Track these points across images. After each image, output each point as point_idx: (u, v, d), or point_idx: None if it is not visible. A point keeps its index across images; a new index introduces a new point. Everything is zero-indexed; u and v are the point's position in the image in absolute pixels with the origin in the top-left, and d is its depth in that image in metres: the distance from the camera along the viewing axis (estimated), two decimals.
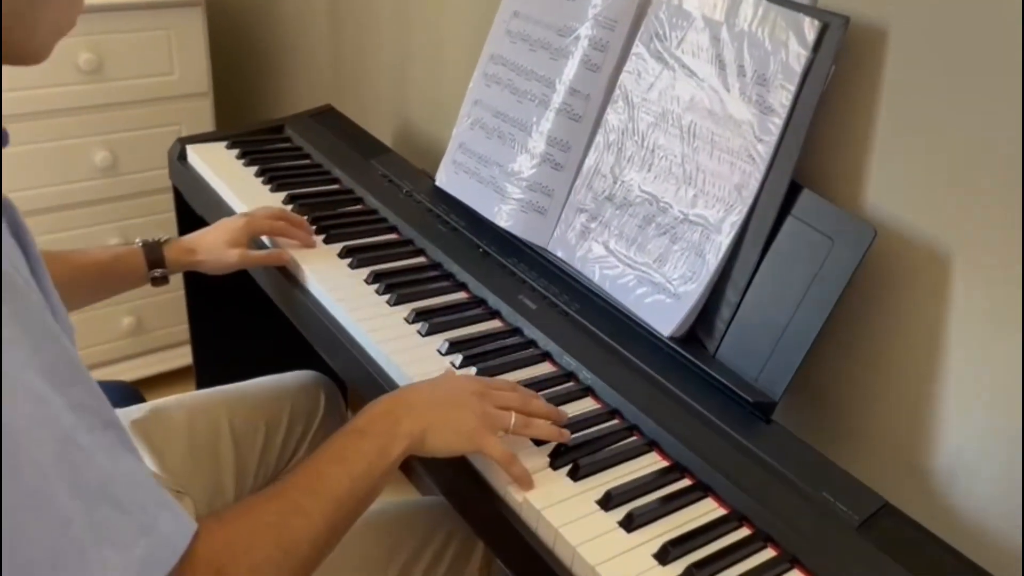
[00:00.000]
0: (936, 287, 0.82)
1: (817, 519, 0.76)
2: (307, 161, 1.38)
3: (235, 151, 1.37)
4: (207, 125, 1.82)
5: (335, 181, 1.32)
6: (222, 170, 1.31)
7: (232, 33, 2.05)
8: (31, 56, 0.60)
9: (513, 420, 0.78)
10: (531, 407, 0.80)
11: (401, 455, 0.73)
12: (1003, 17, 0.73)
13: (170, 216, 1.51)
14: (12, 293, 0.50)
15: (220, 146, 1.39)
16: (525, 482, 0.76)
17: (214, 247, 1.07)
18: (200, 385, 1.55)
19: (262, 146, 1.40)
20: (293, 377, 1.18)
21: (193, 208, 1.36)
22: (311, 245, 1.12)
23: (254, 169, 1.31)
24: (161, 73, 1.72)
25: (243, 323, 1.49)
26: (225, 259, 1.07)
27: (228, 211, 1.24)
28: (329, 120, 1.50)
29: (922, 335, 0.84)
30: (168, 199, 1.54)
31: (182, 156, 1.38)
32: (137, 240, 1.07)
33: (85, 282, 1.03)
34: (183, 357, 1.92)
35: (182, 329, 1.91)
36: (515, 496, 0.77)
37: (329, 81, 1.82)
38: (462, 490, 0.83)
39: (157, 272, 1.06)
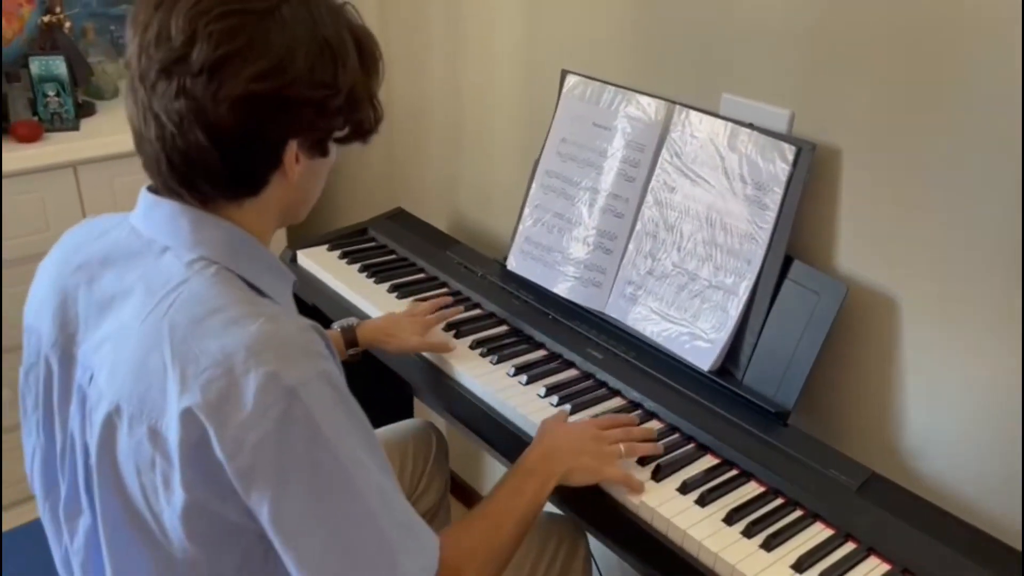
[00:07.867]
0: (892, 322, 1.19)
1: (828, 487, 1.11)
2: (393, 256, 1.72)
3: (336, 252, 1.71)
4: (280, 236, 2.17)
5: (421, 271, 1.67)
6: (331, 268, 1.65)
7: None
8: (300, 219, 0.94)
9: (623, 449, 1.12)
10: (632, 435, 1.15)
11: (553, 487, 1.05)
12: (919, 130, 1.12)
13: None
14: (344, 398, 0.79)
15: (322, 249, 1.73)
16: (639, 487, 1.10)
17: (400, 333, 1.35)
18: None
19: (355, 246, 1.74)
20: (410, 424, 1.51)
21: (303, 299, 1.69)
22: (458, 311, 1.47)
23: (356, 266, 1.65)
24: None
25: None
26: (409, 343, 1.34)
27: (342, 302, 1.58)
28: (402, 220, 1.85)
29: (885, 355, 1.21)
30: None
31: (293, 259, 1.72)
32: (334, 325, 1.36)
33: None
34: None
35: None
36: (632, 500, 1.11)
37: (384, 187, 2.18)
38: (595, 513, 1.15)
39: (352, 351, 1.34)
